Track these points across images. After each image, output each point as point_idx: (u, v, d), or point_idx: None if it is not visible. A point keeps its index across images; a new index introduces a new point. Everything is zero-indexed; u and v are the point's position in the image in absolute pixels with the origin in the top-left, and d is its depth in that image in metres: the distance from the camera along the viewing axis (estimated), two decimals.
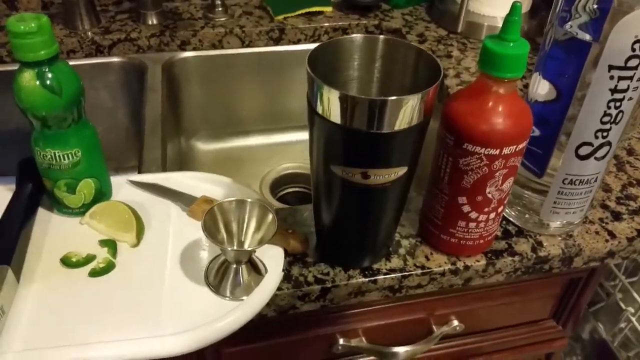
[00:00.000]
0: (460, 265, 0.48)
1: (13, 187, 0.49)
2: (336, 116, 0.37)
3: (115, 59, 0.79)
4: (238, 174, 0.53)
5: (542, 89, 0.46)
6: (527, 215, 0.51)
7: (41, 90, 0.41)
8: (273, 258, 0.45)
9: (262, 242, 0.42)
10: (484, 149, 0.40)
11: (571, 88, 0.43)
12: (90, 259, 0.44)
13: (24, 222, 0.46)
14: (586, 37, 0.41)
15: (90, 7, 0.79)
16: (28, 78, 0.41)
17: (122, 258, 0.45)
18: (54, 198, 0.48)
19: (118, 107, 0.82)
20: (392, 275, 0.47)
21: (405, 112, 0.36)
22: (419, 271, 0.48)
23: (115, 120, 0.83)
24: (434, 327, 0.59)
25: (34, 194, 0.48)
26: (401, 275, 0.47)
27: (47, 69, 0.41)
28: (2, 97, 0.74)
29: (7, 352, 0.37)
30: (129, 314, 0.41)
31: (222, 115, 0.88)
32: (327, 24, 0.85)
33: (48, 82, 0.41)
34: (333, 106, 0.37)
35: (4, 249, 0.42)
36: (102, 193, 0.49)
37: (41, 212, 0.49)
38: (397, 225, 0.47)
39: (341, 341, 0.56)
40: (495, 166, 0.41)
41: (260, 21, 0.84)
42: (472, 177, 0.42)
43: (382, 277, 0.47)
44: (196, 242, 0.47)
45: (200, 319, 0.40)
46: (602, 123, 0.43)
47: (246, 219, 0.43)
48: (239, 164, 0.88)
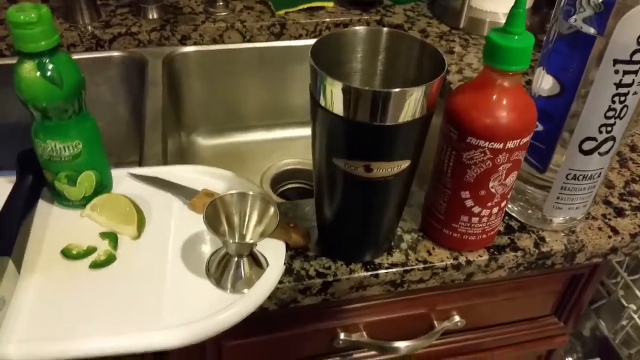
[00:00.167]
0: (462, 260, 0.48)
1: (13, 180, 0.48)
2: (339, 108, 0.37)
3: (115, 53, 0.78)
4: (238, 170, 0.53)
5: (545, 83, 0.46)
6: (529, 211, 0.51)
7: (42, 81, 0.41)
8: (274, 251, 0.45)
9: (263, 235, 0.41)
10: (487, 143, 0.40)
11: (575, 83, 0.43)
12: (90, 251, 0.44)
13: (24, 214, 0.45)
14: (591, 30, 0.40)
15: (91, 1, 0.78)
16: (28, 69, 0.41)
17: (123, 250, 0.45)
18: (55, 190, 0.47)
19: (118, 102, 0.82)
20: (394, 270, 0.47)
21: (409, 104, 0.36)
22: (421, 266, 0.47)
23: (116, 114, 0.83)
24: (435, 322, 0.59)
25: (34, 186, 0.48)
26: (403, 270, 0.47)
27: (47, 60, 0.41)
28: (2, 92, 0.74)
29: (7, 342, 0.37)
30: (129, 306, 0.41)
31: (222, 111, 0.88)
32: (328, 20, 0.84)
33: (49, 73, 0.41)
34: (336, 98, 0.36)
35: (5, 240, 0.42)
36: (103, 186, 0.49)
37: (41, 204, 0.48)
38: (399, 220, 0.47)
39: (342, 335, 0.55)
40: (498, 160, 0.41)
41: (262, 16, 0.83)
42: (475, 171, 0.42)
43: (383, 271, 0.47)
44: (197, 235, 0.46)
45: (201, 311, 0.40)
46: (607, 118, 0.43)
47: (248, 212, 0.43)
48: (239, 159, 0.88)
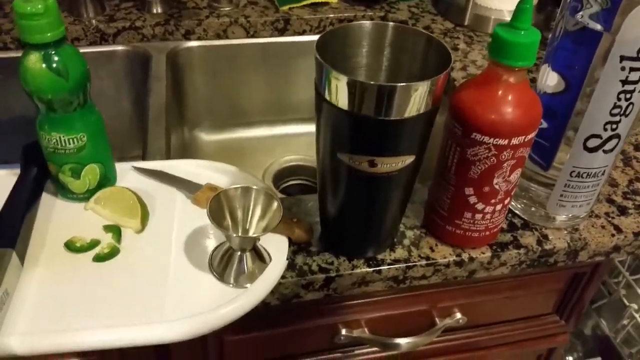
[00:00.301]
0: (465, 256, 0.48)
1: (18, 172, 0.48)
2: (344, 102, 0.37)
3: (119, 48, 0.78)
4: (241, 165, 0.53)
5: (550, 80, 0.45)
6: (533, 209, 0.51)
7: (47, 73, 0.41)
8: (277, 246, 0.45)
9: (266, 230, 0.41)
10: (492, 139, 0.40)
11: (580, 80, 0.43)
12: (94, 244, 0.44)
13: (28, 207, 0.45)
14: (597, 27, 0.40)
15: None
16: (34, 60, 0.41)
17: (127, 244, 0.45)
18: (59, 183, 0.47)
19: (122, 96, 0.82)
20: (397, 266, 0.47)
21: (415, 99, 0.36)
22: (424, 262, 0.47)
23: (119, 109, 0.83)
24: (437, 319, 0.58)
25: (38, 179, 0.48)
26: (405, 266, 0.47)
27: (53, 52, 0.41)
28: (7, 85, 0.74)
29: (10, 335, 0.37)
30: (132, 299, 0.41)
31: (225, 106, 0.88)
32: (332, 15, 0.84)
33: (54, 64, 0.41)
34: (341, 92, 0.36)
35: (9, 232, 0.42)
36: (107, 179, 0.49)
37: (45, 197, 0.48)
38: (402, 216, 0.47)
39: (344, 331, 0.56)
40: (503, 157, 0.41)
41: (266, 11, 0.83)
42: (479, 167, 0.42)
43: (386, 267, 0.47)
44: (200, 229, 0.46)
45: (203, 305, 0.40)
46: (612, 115, 0.43)
47: (251, 206, 0.43)
48: (242, 155, 0.88)
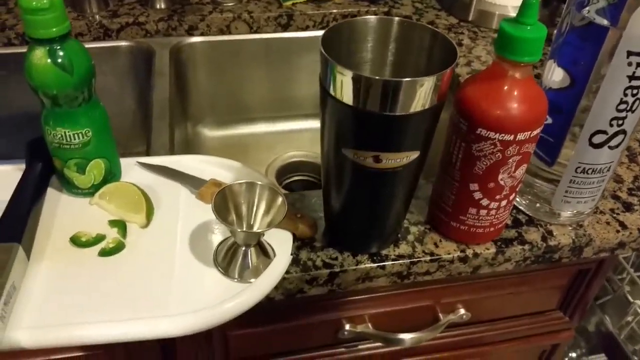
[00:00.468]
0: (469, 252, 0.48)
1: (23, 167, 0.48)
2: (349, 98, 0.36)
3: (123, 43, 0.78)
4: (244, 161, 0.53)
5: (556, 76, 0.45)
6: (537, 205, 0.51)
7: (52, 68, 0.41)
8: (281, 242, 0.45)
9: (271, 225, 0.42)
10: (497, 135, 0.40)
11: (586, 75, 0.43)
12: (99, 238, 0.44)
13: (34, 201, 0.45)
14: (604, 22, 0.40)
15: None
16: (39, 55, 0.41)
17: (132, 239, 0.45)
18: (64, 178, 0.47)
19: (125, 92, 0.82)
20: (401, 262, 0.47)
21: (420, 94, 0.36)
22: (428, 258, 0.47)
23: (123, 104, 0.83)
24: (441, 315, 0.59)
25: (43, 174, 0.48)
26: (410, 262, 0.47)
27: (58, 47, 0.41)
28: (12, 80, 0.74)
29: (17, 328, 0.37)
30: (137, 294, 0.41)
31: (228, 102, 0.88)
32: (335, 11, 0.84)
33: (59, 60, 0.41)
34: (346, 87, 0.36)
35: (15, 227, 0.42)
36: (112, 174, 0.49)
37: (50, 192, 0.49)
38: (406, 211, 0.47)
39: (347, 327, 0.56)
40: (508, 152, 0.41)
41: (269, 7, 0.83)
42: (484, 163, 0.42)
43: (390, 263, 0.47)
44: (205, 225, 0.46)
45: (208, 300, 0.40)
46: (618, 111, 0.43)
47: (256, 201, 0.43)
48: (245, 151, 0.88)
